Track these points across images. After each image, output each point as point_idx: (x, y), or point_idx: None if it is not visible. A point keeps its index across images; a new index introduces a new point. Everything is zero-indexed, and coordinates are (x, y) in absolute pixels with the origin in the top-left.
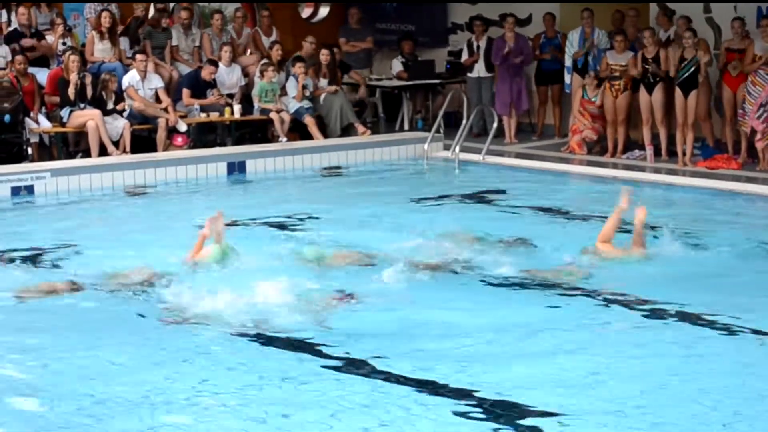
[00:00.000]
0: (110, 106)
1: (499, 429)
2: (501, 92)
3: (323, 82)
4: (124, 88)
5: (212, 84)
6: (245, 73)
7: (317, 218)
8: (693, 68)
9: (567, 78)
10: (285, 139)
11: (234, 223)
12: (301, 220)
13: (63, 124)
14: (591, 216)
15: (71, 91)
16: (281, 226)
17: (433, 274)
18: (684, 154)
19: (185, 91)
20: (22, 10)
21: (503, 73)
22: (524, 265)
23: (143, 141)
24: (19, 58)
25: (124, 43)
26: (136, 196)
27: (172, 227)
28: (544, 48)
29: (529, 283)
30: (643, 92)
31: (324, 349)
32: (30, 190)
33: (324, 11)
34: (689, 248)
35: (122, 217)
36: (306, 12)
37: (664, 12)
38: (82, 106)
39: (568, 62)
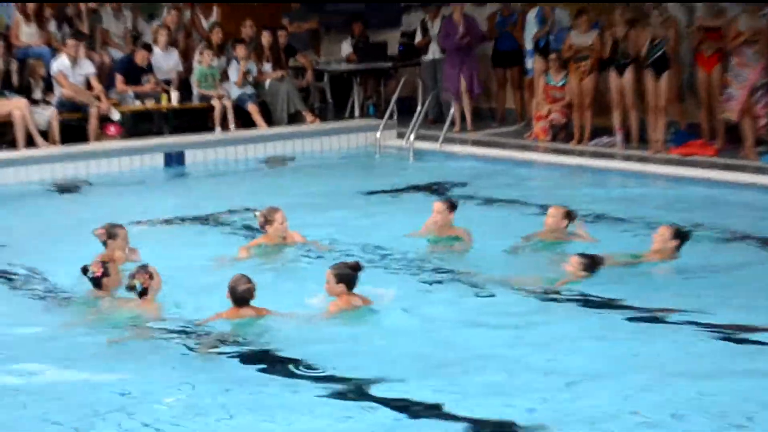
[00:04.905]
0: (38, 93)
1: None
2: (449, 76)
3: (267, 66)
4: (53, 74)
5: (147, 69)
6: (184, 57)
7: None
8: (663, 49)
9: (528, 62)
10: (233, 126)
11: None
12: (242, 215)
13: None
14: None
15: None
16: (220, 222)
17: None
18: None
19: (118, 77)
20: None
21: (452, 56)
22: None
23: (73, 131)
24: None
25: (54, 26)
26: (66, 191)
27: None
28: (501, 26)
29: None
30: (613, 74)
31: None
32: None
33: None
34: None
35: (51, 213)
36: None
37: None
38: (7, 94)
39: (528, 45)
